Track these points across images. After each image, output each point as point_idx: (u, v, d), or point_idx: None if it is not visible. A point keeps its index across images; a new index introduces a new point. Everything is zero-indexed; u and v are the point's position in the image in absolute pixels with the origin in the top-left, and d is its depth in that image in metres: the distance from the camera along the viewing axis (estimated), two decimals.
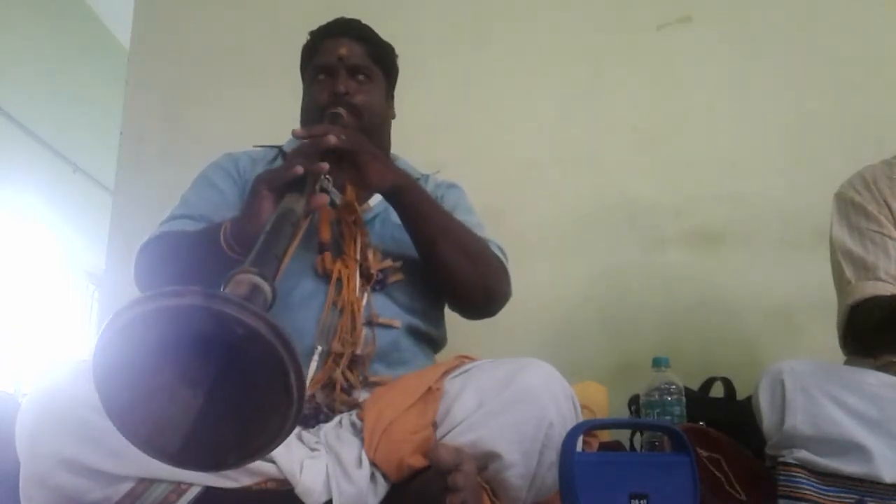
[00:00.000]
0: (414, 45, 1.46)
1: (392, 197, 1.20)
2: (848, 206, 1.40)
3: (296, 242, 0.89)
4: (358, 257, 1.20)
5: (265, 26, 2.23)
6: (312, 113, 1.32)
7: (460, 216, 1.30)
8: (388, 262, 1.23)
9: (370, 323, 1.18)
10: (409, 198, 1.20)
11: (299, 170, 1.01)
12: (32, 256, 3.82)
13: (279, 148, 1.40)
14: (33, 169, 3.72)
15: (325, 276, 1.19)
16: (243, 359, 0.57)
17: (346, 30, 1.36)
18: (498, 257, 1.28)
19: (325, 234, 1.20)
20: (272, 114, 1.50)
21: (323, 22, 1.41)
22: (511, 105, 2.12)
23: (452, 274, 1.21)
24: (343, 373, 1.11)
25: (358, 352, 1.13)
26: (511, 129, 2.10)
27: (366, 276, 1.20)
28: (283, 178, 1.03)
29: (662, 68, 2.12)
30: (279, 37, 2.18)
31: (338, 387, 1.10)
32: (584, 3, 2.18)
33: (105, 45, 4.25)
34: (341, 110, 1.27)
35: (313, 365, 1.11)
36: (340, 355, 1.12)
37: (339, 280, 1.18)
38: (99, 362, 0.58)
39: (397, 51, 1.43)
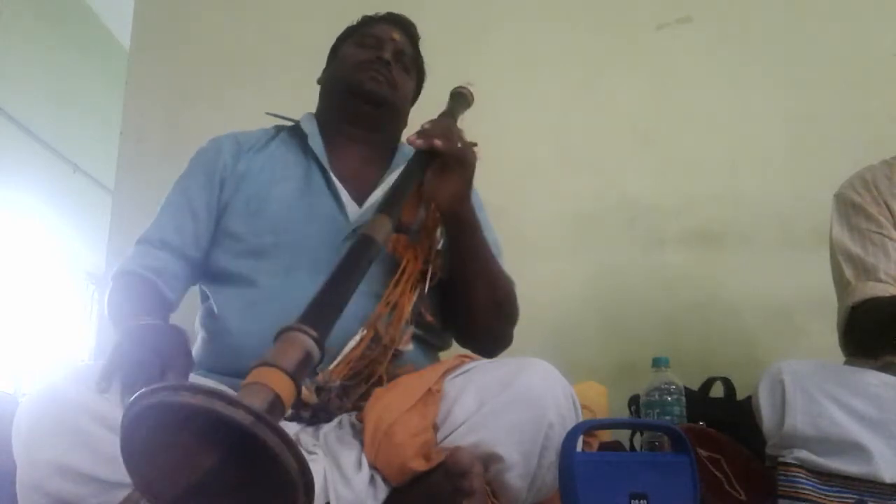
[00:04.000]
0: None
1: (450, 221, 1.16)
2: (848, 206, 1.40)
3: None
4: (431, 253, 1.17)
5: (265, 27, 2.23)
6: (348, 69, 1.31)
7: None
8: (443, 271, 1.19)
9: (417, 321, 1.15)
10: (466, 232, 1.16)
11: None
12: (32, 256, 3.82)
13: (284, 126, 1.37)
14: (33, 169, 3.72)
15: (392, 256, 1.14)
16: (261, 453, 0.58)
17: (403, 25, 1.38)
18: (517, 306, 1.25)
19: (410, 216, 1.13)
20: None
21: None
22: (511, 105, 2.12)
23: (475, 316, 1.20)
24: (380, 362, 1.08)
25: (399, 346, 1.11)
26: (511, 129, 2.10)
27: (428, 275, 1.16)
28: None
29: (662, 68, 2.12)
30: (279, 37, 2.19)
31: (373, 378, 1.07)
32: (585, 3, 2.19)
33: (105, 45, 4.25)
34: (467, 89, 1.27)
35: (351, 343, 1.07)
36: (379, 339, 1.09)
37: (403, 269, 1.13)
38: (133, 416, 0.60)
39: None
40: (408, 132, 1.42)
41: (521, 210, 2.00)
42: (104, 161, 3.00)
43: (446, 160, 1.10)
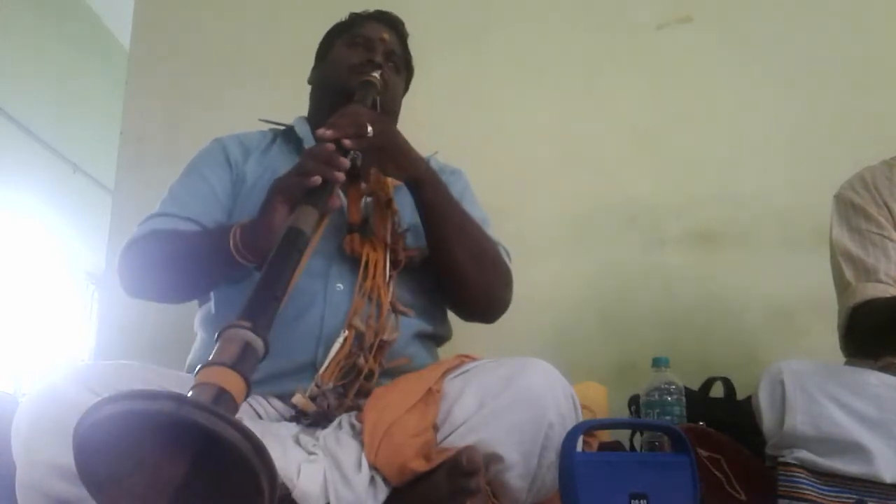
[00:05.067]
0: (414, 45, 1.46)
1: (412, 188, 1.19)
2: (848, 207, 1.40)
3: (303, 264, 0.87)
4: (388, 240, 1.18)
5: (265, 26, 2.23)
6: (340, 72, 1.31)
7: (466, 208, 1.29)
8: (417, 251, 1.21)
9: (394, 309, 1.16)
10: (429, 192, 1.18)
11: (317, 180, 1.00)
12: (32, 256, 3.82)
13: (280, 130, 1.38)
14: (33, 169, 3.72)
15: (354, 258, 1.17)
16: (222, 448, 0.57)
17: (391, 22, 1.39)
18: (506, 265, 1.27)
19: (355, 216, 1.18)
20: (272, 113, 1.49)
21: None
22: (511, 105, 2.12)
23: (461, 278, 1.21)
24: (365, 358, 1.09)
25: (385, 337, 1.11)
26: (511, 129, 2.10)
27: (393, 262, 1.18)
28: (300, 189, 1.01)
29: (662, 68, 2.12)
30: (279, 37, 2.19)
31: (362, 374, 1.08)
32: (584, 3, 2.18)
33: (105, 45, 4.25)
34: (375, 77, 1.25)
35: (335, 346, 1.09)
36: (362, 335, 1.09)
37: (367, 263, 1.15)
38: (80, 437, 0.59)
39: None
40: (406, 117, 1.44)
41: (521, 210, 2.00)
42: (104, 161, 3.00)
43: (369, 148, 1.11)
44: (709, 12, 2.14)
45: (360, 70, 1.29)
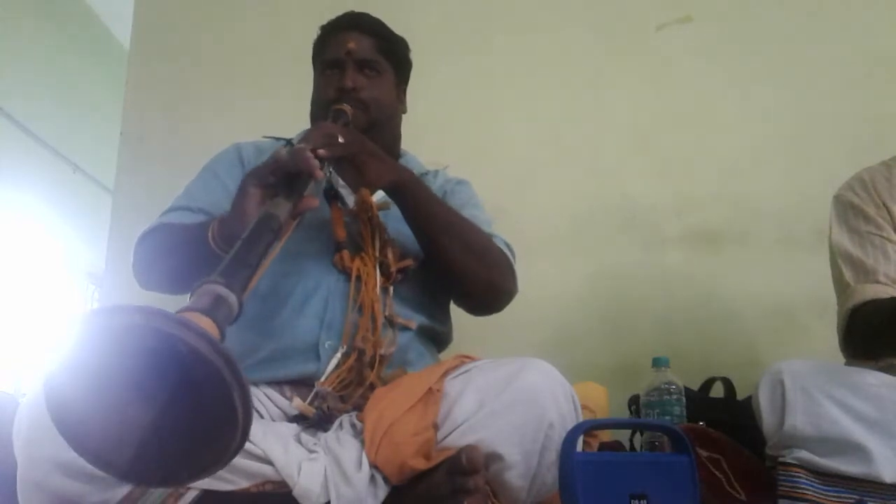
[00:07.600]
0: (415, 46, 1.46)
1: (393, 193, 1.20)
2: (847, 208, 1.40)
3: (279, 247, 0.89)
4: (377, 255, 1.20)
5: (266, 26, 2.23)
6: (320, 107, 1.33)
7: (469, 212, 1.30)
8: (409, 262, 1.22)
9: (391, 323, 1.17)
10: (410, 194, 1.20)
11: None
12: (32, 256, 3.82)
13: (288, 140, 1.40)
14: (33, 169, 3.72)
15: (346, 274, 1.19)
16: (193, 376, 0.57)
17: (355, 23, 1.36)
18: (503, 252, 1.27)
19: (340, 233, 1.20)
20: (272, 114, 1.50)
21: (324, 22, 1.41)
22: (512, 105, 2.12)
23: (456, 269, 1.21)
24: (365, 373, 1.11)
25: (382, 352, 1.13)
26: (511, 129, 2.11)
27: (385, 275, 1.20)
28: (268, 173, 1.03)
29: (662, 68, 2.12)
30: (280, 37, 2.19)
31: (366, 383, 1.10)
32: (585, 4, 2.19)
33: (105, 45, 4.25)
34: (346, 107, 1.26)
35: (334, 361, 1.11)
36: (363, 352, 1.11)
37: (359, 278, 1.17)
38: (49, 375, 0.58)
39: None
40: (407, 118, 1.44)
41: (521, 210, 2.00)
42: (104, 161, 3.00)
43: (345, 158, 1.15)
44: (709, 12, 2.14)
45: (334, 104, 1.29)
